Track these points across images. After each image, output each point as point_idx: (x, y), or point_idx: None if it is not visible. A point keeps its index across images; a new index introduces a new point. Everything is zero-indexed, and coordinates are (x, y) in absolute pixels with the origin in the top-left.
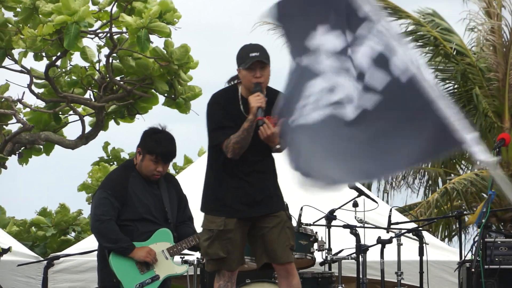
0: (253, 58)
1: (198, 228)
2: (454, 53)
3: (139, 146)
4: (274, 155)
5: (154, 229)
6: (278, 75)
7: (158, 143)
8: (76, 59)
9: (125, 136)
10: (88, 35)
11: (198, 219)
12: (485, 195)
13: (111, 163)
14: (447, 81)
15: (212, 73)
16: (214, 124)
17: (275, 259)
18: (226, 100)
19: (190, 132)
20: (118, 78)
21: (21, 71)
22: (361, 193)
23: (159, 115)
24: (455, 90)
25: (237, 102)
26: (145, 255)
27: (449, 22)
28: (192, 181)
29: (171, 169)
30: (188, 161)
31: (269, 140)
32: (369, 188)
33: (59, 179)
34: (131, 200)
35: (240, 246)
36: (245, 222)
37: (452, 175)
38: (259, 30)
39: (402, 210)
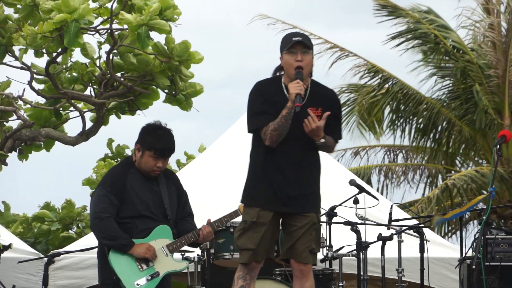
0: (295, 40)
1: (199, 225)
2: (455, 51)
3: (138, 143)
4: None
5: (153, 226)
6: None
7: (157, 139)
8: (77, 55)
9: (126, 131)
10: (89, 32)
11: (199, 215)
12: (485, 192)
13: (116, 160)
14: (447, 78)
15: (212, 70)
16: (252, 110)
17: (293, 257)
18: (269, 88)
19: (191, 129)
20: (118, 74)
21: (21, 68)
22: (361, 190)
23: (160, 112)
24: (455, 87)
25: (281, 90)
26: (145, 252)
27: (445, 19)
28: (193, 178)
29: (174, 166)
30: (190, 157)
31: (313, 134)
32: (369, 183)
33: (60, 176)
34: (130, 197)
35: (271, 239)
36: (278, 216)
37: (453, 171)
38: (259, 24)
39: (403, 207)
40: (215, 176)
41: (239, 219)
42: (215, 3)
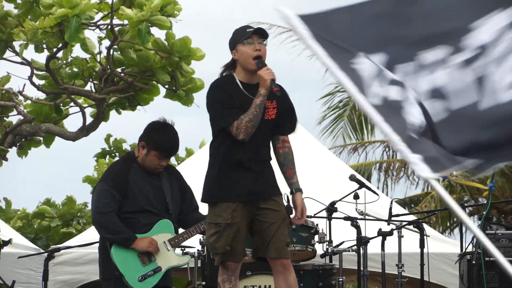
0: (252, 30)
1: None
2: None
3: (143, 140)
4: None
5: (155, 221)
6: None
7: (164, 139)
8: (77, 51)
9: (126, 127)
10: (89, 27)
11: (200, 208)
12: (485, 188)
13: (113, 154)
14: None
15: (213, 66)
16: (219, 106)
17: (273, 253)
18: (227, 85)
19: (192, 125)
20: (119, 70)
21: (21, 63)
22: (361, 185)
23: (161, 107)
24: None
25: (238, 86)
26: (147, 245)
27: None
28: (192, 173)
29: (172, 160)
30: (190, 153)
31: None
32: (368, 179)
33: (60, 171)
34: (132, 192)
35: (244, 237)
36: (248, 212)
37: None
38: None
39: (403, 203)
40: None
41: None
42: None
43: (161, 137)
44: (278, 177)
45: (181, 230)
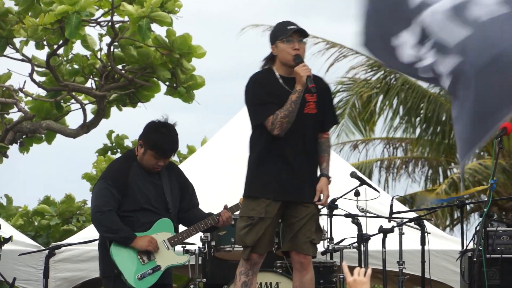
0: (292, 29)
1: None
2: None
3: (141, 139)
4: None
5: (155, 219)
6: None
7: (161, 139)
8: (78, 47)
9: (127, 124)
10: (90, 24)
11: (202, 206)
12: (485, 183)
13: (115, 150)
14: None
15: (214, 63)
16: (256, 101)
17: (294, 248)
18: (265, 79)
19: (193, 122)
20: (119, 66)
21: (22, 60)
22: (362, 182)
23: (162, 104)
24: None
25: (277, 80)
26: (147, 244)
27: None
28: (194, 170)
29: (174, 157)
30: (191, 150)
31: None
32: (369, 177)
33: (61, 168)
34: (132, 191)
35: (273, 232)
36: (281, 207)
37: (452, 163)
38: (253, 33)
39: (404, 200)
40: (215, 169)
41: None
42: None
43: (158, 137)
44: None
45: (181, 228)
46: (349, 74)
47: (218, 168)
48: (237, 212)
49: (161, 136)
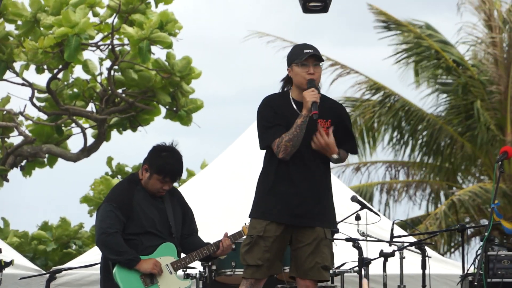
0: (308, 53)
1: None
2: (459, 67)
3: (146, 163)
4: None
5: (158, 243)
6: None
7: (167, 164)
8: (78, 71)
9: (127, 148)
10: (90, 47)
11: (201, 229)
12: (487, 208)
13: (116, 178)
14: (449, 94)
15: (214, 86)
16: (264, 124)
17: (300, 274)
18: (277, 102)
19: (193, 145)
20: (120, 90)
21: (22, 84)
22: (363, 206)
23: (161, 127)
24: (457, 103)
25: (290, 104)
26: (152, 267)
27: (444, 35)
28: (194, 194)
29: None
30: (191, 174)
31: (322, 150)
32: (370, 200)
33: (61, 192)
34: (136, 214)
35: (278, 254)
36: (286, 230)
37: (454, 188)
38: (258, 42)
39: (405, 224)
40: (215, 193)
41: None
42: (223, 21)
43: (164, 161)
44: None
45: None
46: (351, 92)
47: (217, 192)
48: (240, 240)
49: (166, 160)
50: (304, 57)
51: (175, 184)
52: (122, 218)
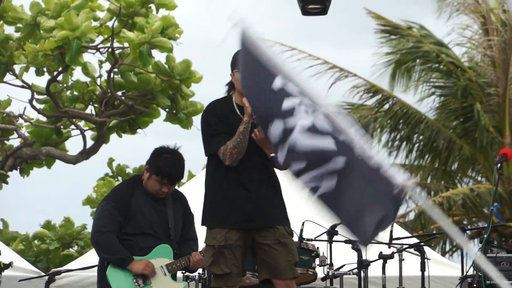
0: None
1: (202, 245)
2: (458, 69)
3: (148, 164)
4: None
5: (154, 245)
6: None
7: (166, 165)
8: (78, 74)
9: (126, 150)
10: (90, 50)
11: (202, 234)
12: (485, 211)
13: (116, 179)
14: (448, 97)
15: (215, 89)
16: (209, 131)
17: (276, 275)
18: (221, 108)
19: (194, 148)
20: (119, 93)
21: (22, 86)
22: None
23: (161, 130)
24: (455, 106)
25: (233, 109)
26: (143, 268)
27: (438, 37)
28: (194, 195)
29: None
30: (192, 176)
31: (263, 145)
32: None
33: (61, 195)
34: (134, 214)
35: (242, 260)
36: (246, 235)
37: (450, 189)
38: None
39: (404, 225)
40: None
41: None
42: (222, 24)
43: (164, 163)
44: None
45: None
46: (349, 96)
47: None
48: None
49: (166, 161)
50: None
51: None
52: (119, 218)
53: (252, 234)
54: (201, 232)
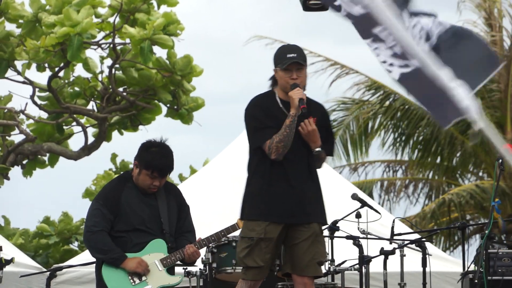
0: (290, 59)
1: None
2: None
3: (136, 159)
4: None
5: (148, 240)
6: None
7: (155, 158)
8: (79, 70)
9: (128, 147)
10: (91, 46)
11: (200, 228)
12: (487, 206)
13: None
14: None
15: (216, 85)
16: (255, 125)
17: (296, 270)
18: (266, 103)
19: (195, 143)
20: (121, 89)
21: (23, 82)
22: (364, 204)
23: (162, 126)
24: None
25: (277, 104)
26: (136, 266)
27: None
28: (196, 191)
29: (176, 179)
30: (194, 171)
31: (309, 138)
32: (370, 195)
33: (62, 190)
34: (124, 211)
35: (276, 254)
36: (284, 229)
37: (453, 185)
38: (257, 44)
39: (407, 221)
40: (216, 190)
41: (237, 232)
42: (223, 20)
43: (151, 155)
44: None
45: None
46: (350, 92)
47: (218, 189)
48: (234, 233)
49: (155, 154)
50: (287, 62)
51: (176, 181)
52: (109, 216)
53: (288, 227)
54: (197, 224)
